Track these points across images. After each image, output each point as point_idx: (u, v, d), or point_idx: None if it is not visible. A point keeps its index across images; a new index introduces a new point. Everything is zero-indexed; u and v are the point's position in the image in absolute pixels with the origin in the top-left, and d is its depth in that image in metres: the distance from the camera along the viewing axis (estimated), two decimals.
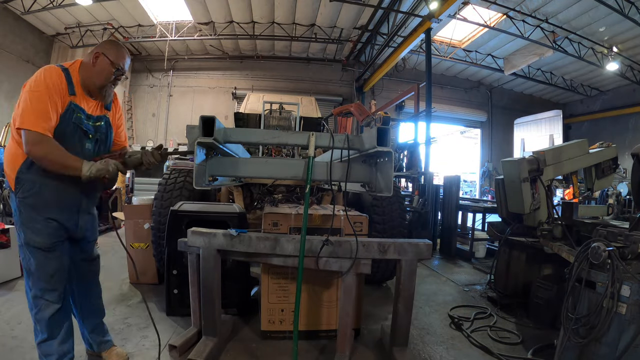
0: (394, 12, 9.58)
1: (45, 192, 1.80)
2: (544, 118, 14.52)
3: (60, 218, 1.86)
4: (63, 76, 1.79)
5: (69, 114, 1.79)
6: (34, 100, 1.70)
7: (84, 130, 1.87)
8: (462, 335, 2.87)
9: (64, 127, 1.78)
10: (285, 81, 13.80)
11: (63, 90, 1.77)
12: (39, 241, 1.81)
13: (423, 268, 4.92)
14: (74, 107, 1.81)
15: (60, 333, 1.89)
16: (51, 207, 1.82)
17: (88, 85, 1.88)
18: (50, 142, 1.71)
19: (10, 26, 10.25)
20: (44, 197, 1.80)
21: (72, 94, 1.81)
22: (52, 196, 1.82)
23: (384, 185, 1.90)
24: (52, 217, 1.83)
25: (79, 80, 1.86)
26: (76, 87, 1.84)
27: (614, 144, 3.81)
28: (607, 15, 9.39)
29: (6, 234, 3.58)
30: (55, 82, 1.75)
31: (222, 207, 3.01)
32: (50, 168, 1.74)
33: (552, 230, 3.15)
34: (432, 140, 8.21)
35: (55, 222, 1.84)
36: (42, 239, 1.81)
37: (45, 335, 1.86)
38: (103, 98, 1.94)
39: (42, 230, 1.81)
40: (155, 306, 3.11)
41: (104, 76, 1.87)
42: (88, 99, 1.90)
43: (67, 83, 1.80)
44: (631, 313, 1.69)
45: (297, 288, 2.00)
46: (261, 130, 3.70)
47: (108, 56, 1.86)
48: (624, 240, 1.89)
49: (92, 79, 1.87)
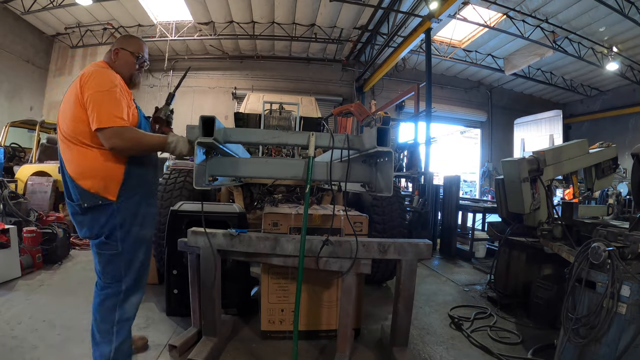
0: (394, 12, 9.58)
1: (148, 180, 1.94)
2: (544, 118, 14.51)
3: (156, 201, 2.07)
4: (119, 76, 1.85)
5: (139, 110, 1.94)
6: (104, 100, 1.70)
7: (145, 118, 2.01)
8: (462, 335, 2.87)
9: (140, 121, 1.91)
10: (285, 81, 13.80)
11: (127, 90, 1.87)
12: (149, 233, 1.96)
13: (423, 268, 4.92)
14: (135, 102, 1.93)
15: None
16: (152, 191, 2.00)
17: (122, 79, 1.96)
18: (131, 130, 1.75)
19: (10, 26, 10.26)
20: (148, 185, 1.94)
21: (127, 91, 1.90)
22: (151, 183, 1.98)
23: (384, 185, 1.89)
24: (153, 203, 2.00)
25: None
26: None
27: (614, 144, 3.81)
28: (607, 15, 9.39)
29: (6, 234, 3.57)
30: (119, 79, 1.81)
31: (222, 207, 3.01)
32: (140, 152, 1.82)
33: (552, 230, 3.15)
34: (432, 140, 8.21)
35: (154, 209, 2.02)
36: (151, 230, 1.98)
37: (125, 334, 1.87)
38: (135, 85, 2.04)
39: (150, 222, 1.96)
40: (155, 306, 3.11)
41: (129, 67, 1.96)
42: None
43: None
44: (631, 313, 1.68)
45: (297, 288, 2.00)
46: (261, 130, 3.70)
47: (127, 48, 1.95)
48: (624, 240, 1.89)
49: (121, 72, 1.93)
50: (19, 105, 10.93)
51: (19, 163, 7.56)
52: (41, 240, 4.11)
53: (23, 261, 3.78)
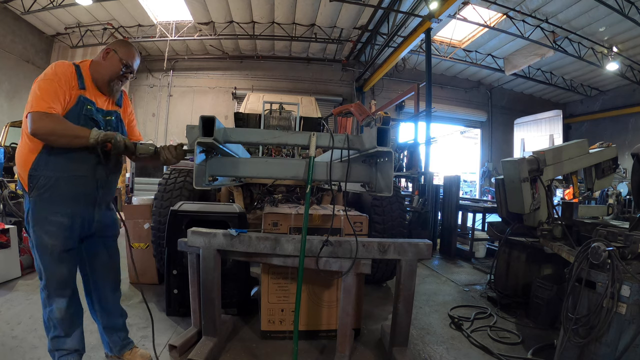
0: (394, 12, 9.58)
1: (61, 184, 1.80)
2: (544, 118, 14.51)
3: (77, 212, 1.86)
4: (73, 68, 1.83)
5: (80, 106, 1.83)
6: (40, 88, 1.71)
7: (96, 121, 1.88)
8: (462, 335, 2.87)
9: (76, 119, 1.80)
10: (285, 81, 13.80)
11: (72, 81, 1.81)
12: (51, 244, 1.81)
13: (423, 268, 4.92)
14: (83, 100, 1.84)
15: (74, 332, 1.95)
16: (67, 200, 1.82)
17: (97, 80, 1.93)
18: (55, 116, 1.70)
19: (10, 26, 10.25)
20: (60, 189, 1.80)
21: (82, 88, 1.85)
22: (68, 188, 1.82)
23: (384, 185, 1.90)
24: (67, 213, 1.83)
25: (89, 76, 1.91)
26: (86, 81, 1.89)
27: (614, 144, 3.81)
28: (607, 15, 9.39)
29: (6, 234, 3.58)
30: (65, 72, 1.79)
31: (222, 207, 3.01)
32: (60, 142, 1.73)
33: (552, 230, 3.15)
34: (432, 140, 8.21)
35: (69, 220, 1.83)
36: (54, 241, 1.81)
37: (60, 333, 1.90)
38: (111, 93, 1.97)
39: (55, 233, 1.81)
40: (155, 306, 3.10)
41: (112, 71, 1.92)
42: (98, 94, 1.95)
43: (77, 76, 1.84)
44: (631, 313, 1.69)
45: (297, 288, 2.00)
46: (261, 130, 3.70)
47: (118, 53, 1.93)
48: (624, 240, 1.89)
49: (101, 73, 1.92)
50: (19, 105, 10.92)
51: None
52: None
53: (23, 261, 3.78)
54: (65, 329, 1.90)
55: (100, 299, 2.13)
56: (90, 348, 2.32)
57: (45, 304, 1.89)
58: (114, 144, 1.78)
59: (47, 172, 1.78)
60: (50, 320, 1.89)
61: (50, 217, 1.80)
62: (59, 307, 1.87)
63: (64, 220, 1.82)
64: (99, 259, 2.09)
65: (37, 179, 1.78)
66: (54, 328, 1.89)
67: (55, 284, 1.85)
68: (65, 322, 1.90)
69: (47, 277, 1.85)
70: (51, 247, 1.81)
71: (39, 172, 1.78)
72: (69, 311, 1.90)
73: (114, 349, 2.18)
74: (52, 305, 1.87)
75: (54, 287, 1.85)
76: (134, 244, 3.69)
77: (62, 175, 1.80)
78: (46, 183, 1.78)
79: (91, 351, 2.29)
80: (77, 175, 1.83)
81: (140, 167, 9.69)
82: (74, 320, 1.95)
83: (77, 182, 1.84)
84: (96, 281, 2.11)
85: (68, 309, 1.89)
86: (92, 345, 2.35)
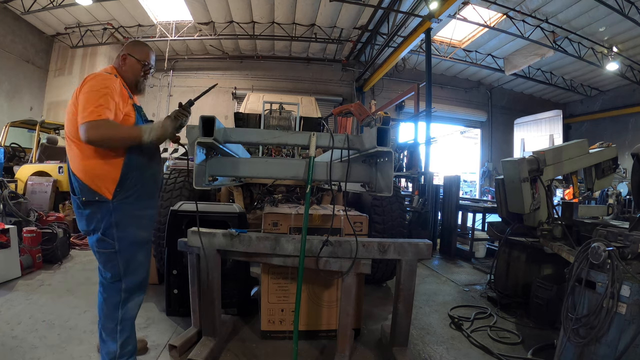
0: (394, 12, 9.58)
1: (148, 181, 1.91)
2: (544, 118, 14.51)
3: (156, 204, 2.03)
4: (119, 81, 1.88)
5: (138, 113, 1.93)
6: (91, 98, 1.71)
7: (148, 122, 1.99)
8: (462, 335, 2.87)
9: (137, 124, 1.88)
10: (285, 81, 13.80)
11: (124, 94, 1.87)
12: (146, 235, 1.93)
13: (423, 268, 4.92)
14: (137, 108, 1.96)
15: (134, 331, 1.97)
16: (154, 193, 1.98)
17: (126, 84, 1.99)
18: (107, 121, 1.70)
19: (10, 26, 10.26)
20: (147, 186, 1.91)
21: (131, 97, 1.95)
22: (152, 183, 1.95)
23: (384, 185, 1.90)
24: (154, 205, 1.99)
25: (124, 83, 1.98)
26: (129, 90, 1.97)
27: (614, 144, 3.81)
28: (607, 15, 9.39)
29: (6, 234, 3.57)
30: (116, 85, 1.83)
31: (222, 207, 3.01)
32: (114, 145, 1.77)
33: (552, 230, 3.15)
34: (432, 140, 8.21)
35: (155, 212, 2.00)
36: (147, 232, 1.94)
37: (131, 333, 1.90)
38: (141, 91, 2.08)
39: (147, 224, 1.93)
40: (155, 306, 3.11)
41: (134, 73, 2.01)
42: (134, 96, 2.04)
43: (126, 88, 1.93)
44: (631, 313, 1.68)
45: (298, 288, 2.00)
46: (261, 130, 3.69)
47: (134, 55, 2.00)
48: (624, 240, 1.89)
49: (127, 78, 1.99)
50: (19, 105, 10.93)
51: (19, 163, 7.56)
52: (41, 240, 4.11)
53: (23, 261, 3.78)
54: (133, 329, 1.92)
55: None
56: (90, 348, 2.33)
57: (118, 306, 1.86)
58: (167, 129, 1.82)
59: (135, 173, 1.84)
60: (124, 321, 1.86)
61: (142, 212, 1.89)
62: (139, 302, 1.94)
63: (153, 212, 2.00)
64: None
65: (125, 181, 1.81)
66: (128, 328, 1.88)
67: (143, 278, 1.94)
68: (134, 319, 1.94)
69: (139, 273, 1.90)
70: (147, 240, 1.95)
71: (127, 175, 1.81)
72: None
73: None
74: (129, 302, 1.88)
75: (140, 282, 1.92)
76: None
77: (146, 172, 1.90)
78: (136, 183, 1.84)
79: (93, 352, 2.29)
80: (153, 170, 1.96)
81: None
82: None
83: (154, 175, 1.97)
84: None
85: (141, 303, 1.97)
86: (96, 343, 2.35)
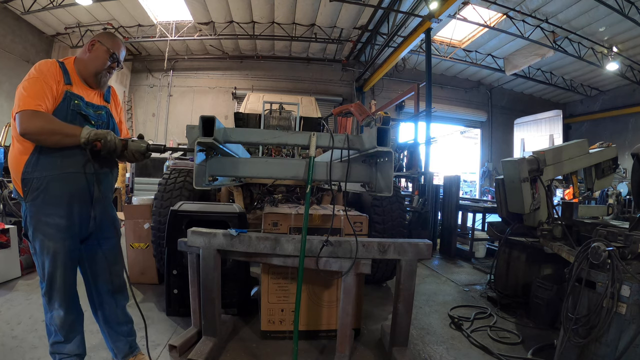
0: (394, 12, 9.58)
1: (53, 184, 1.74)
2: (544, 118, 14.52)
3: (72, 212, 1.80)
4: (57, 65, 1.80)
5: (67, 102, 1.77)
6: (26, 88, 1.68)
7: (85, 115, 1.83)
8: (462, 335, 2.87)
9: (64, 115, 1.75)
10: (285, 81, 13.81)
11: (58, 77, 1.76)
12: (53, 247, 1.76)
13: (423, 268, 4.92)
14: (70, 95, 1.79)
15: (75, 338, 1.92)
16: (61, 200, 1.76)
17: (84, 74, 1.89)
18: (44, 115, 1.66)
19: (10, 26, 10.25)
20: (53, 189, 1.74)
21: (68, 83, 1.81)
22: (60, 187, 1.75)
23: (384, 185, 1.89)
24: (65, 213, 1.77)
25: (74, 71, 1.88)
26: (72, 77, 1.84)
27: (614, 144, 3.81)
28: (607, 15, 9.39)
29: (6, 234, 3.57)
30: (50, 68, 1.75)
31: (222, 207, 3.01)
32: (50, 141, 1.68)
33: (552, 230, 3.15)
34: (432, 140, 8.21)
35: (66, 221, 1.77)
36: (55, 244, 1.76)
37: (60, 338, 1.88)
38: (99, 85, 1.93)
39: (55, 235, 1.76)
40: (155, 306, 3.11)
41: (99, 62, 1.89)
42: (86, 89, 1.90)
43: (63, 72, 1.80)
44: (631, 313, 1.69)
45: (298, 288, 2.00)
46: (261, 130, 3.70)
47: (104, 43, 1.89)
48: (624, 240, 1.89)
49: (87, 67, 1.88)
50: None
51: None
52: None
53: (23, 261, 3.78)
54: (64, 334, 1.87)
55: (102, 304, 2.05)
56: (91, 348, 2.32)
57: (47, 309, 1.87)
58: (104, 143, 1.71)
59: (38, 173, 1.73)
60: (51, 325, 1.88)
61: (47, 220, 1.75)
62: (59, 315, 1.83)
63: (60, 221, 1.76)
64: (99, 263, 2.00)
65: (30, 181, 1.73)
66: (55, 333, 1.88)
67: (56, 290, 1.81)
68: (65, 329, 1.87)
69: (49, 282, 1.80)
70: (53, 251, 1.76)
71: (31, 174, 1.73)
72: (69, 319, 1.87)
73: (118, 354, 2.12)
74: (52, 312, 1.84)
75: (55, 294, 1.81)
76: (134, 244, 3.69)
77: (53, 175, 1.74)
78: (39, 185, 1.73)
79: (92, 351, 2.29)
80: (66, 172, 1.76)
81: (141, 166, 9.69)
82: (74, 327, 1.91)
83: (67, 179, 1.77)
84: (97, 286, 2.03)
85: (67, 317, 1.85)
86: (93, 345, 2.36)
